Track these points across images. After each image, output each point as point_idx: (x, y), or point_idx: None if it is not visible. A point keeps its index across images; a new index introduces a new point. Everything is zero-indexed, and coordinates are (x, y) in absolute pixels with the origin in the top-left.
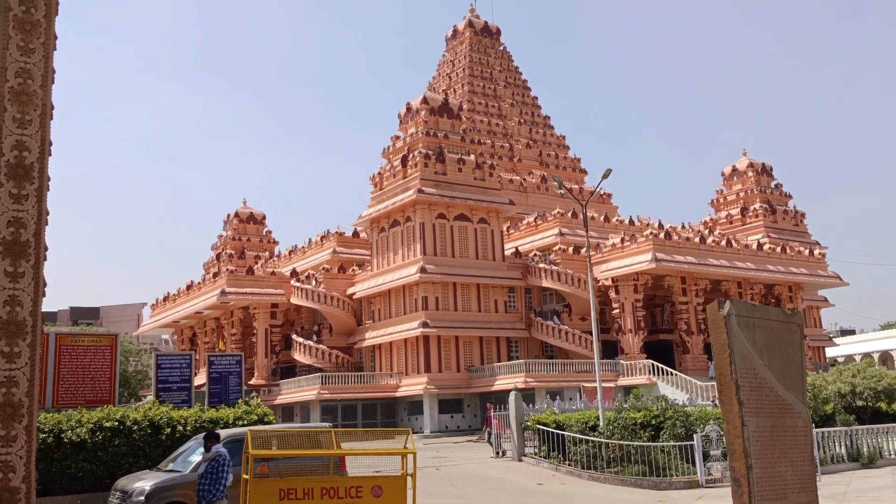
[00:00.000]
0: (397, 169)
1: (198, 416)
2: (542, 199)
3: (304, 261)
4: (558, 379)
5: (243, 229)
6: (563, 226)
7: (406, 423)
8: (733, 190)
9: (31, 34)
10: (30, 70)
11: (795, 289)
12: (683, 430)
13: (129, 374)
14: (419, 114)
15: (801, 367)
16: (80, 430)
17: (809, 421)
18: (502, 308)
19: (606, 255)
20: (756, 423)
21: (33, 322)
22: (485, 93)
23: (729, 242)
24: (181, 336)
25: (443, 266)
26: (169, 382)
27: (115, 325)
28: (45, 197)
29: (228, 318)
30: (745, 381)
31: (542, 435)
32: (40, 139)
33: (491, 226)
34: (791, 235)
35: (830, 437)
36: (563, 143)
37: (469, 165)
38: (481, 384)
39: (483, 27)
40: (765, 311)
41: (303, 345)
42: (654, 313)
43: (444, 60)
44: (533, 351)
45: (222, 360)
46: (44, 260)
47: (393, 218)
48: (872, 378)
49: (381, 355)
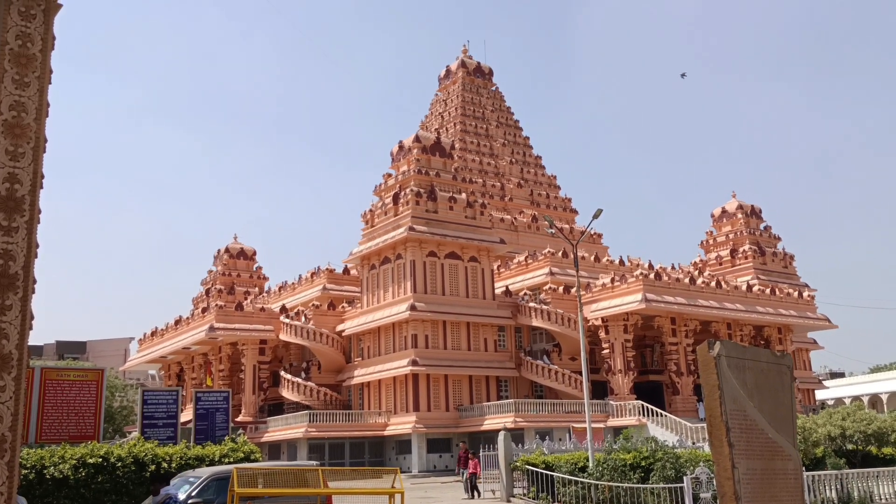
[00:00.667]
0: (388, 206)
1: (183, 452)
2: (533, 238)
3: (293, 297)
4: (548, 419)
5: (233, 265)
6: (553, 265)
7: (394, 463)
8: (723, 231)
9: (27, 68)
10: (24, 103)
11: (785, 331)
12: (673, 471)
13: (115, 409)
14: (411, 152)
15: (792, 409)
16: (63, 466)
17: (800, 464)
18: (492, 347)
19: (597, 294)
20: (746, 465)
21: (19, 355)
22: (477, 132)
23: (718, 283)
24: (168, 371)
25: (433, 304)
26: (155, 418)
27: (102, 359)
28: (35, 230)
29: (216, 353)
30: (735, 422)
31: (531, 476)
32: (32, 172)
33: (481, 264)
34: (780, 277)
35: (821, 480)
36: (554, 182)
37: (460, 204)
38: (470, 423)
39: (476, 67)
40: (755, 353)
41: (291, 382)
42: (643, 354)
43: (436, 100)
44: (522, 390)
45: (209, 397)
46: (32, 293)
47: (384, 255)
48: (862, 421)
49: (370, 393)
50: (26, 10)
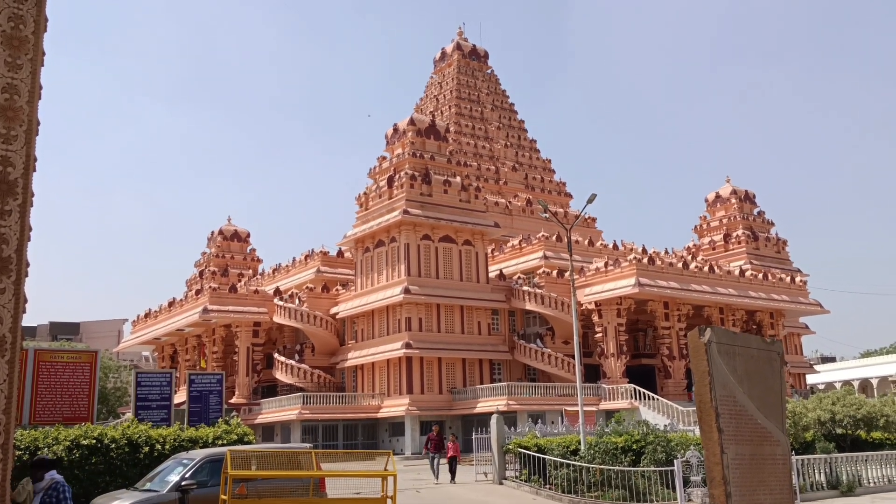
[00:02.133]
0: (383, 189)
1: (177, 434)
2: (528, 222)
3: (287, 279)
4: (541, 402)
5: (227, 247)
6: (547, 249)
7: (387, 445)
8: (716, 216)
9: (19, 50)
10: (17, 86)
11: (777, 315)
12: (664, 455)
13: (109, 390)
14: (406, 135)
15: (781, 395)
16: (57, 447)
17: (789, 449)
18: (486, 330)
19: (590, 279)
20: (735, 450)
21: (13, 339)
22: (472, 115)
23: (711, 268)
24: (162, 353)
25: (427, 287)
26: (148, 400)
27: (95, 340)
28: (28, 213)
29: (210, 335)
30: (724, 408)
31: (524, 458)
32: (25, 155)
33: (476, 248)
34: (773, 262)
35: (810, 464)
36: (549, 166)
37: (455, 187)
38: (463, 406)
39: (471, 50)
40: (745, 340)
41: (285, 364)
42: (636, 338)
43: (431, 82)
44: (516, 374)
45: (203, 379)
46: (25, 276)
47: (378, 238)
48: (852, 406)
49: (364, 376)
50: None
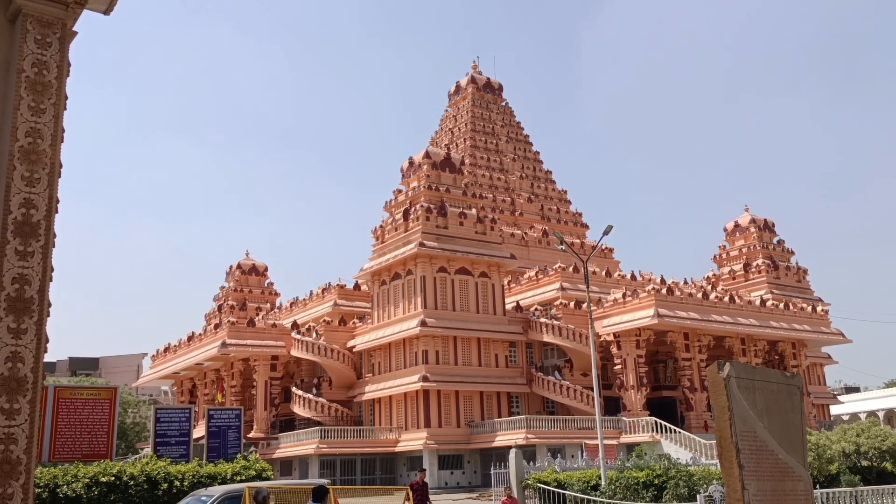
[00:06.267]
0: (399, 222)
1: (196, 471)
2: (544, 253)
3: (305, 313)
4: (560, 436)
5: (245, 281)
6: (564, 280)
7: (405, 479)
8: (736, 245)
9: (43, 95)
10: (40, 130)
11: (799, 345)
12: (686, 490)
13: (127, 425)
14: (421, 168)
15: (802, 429)
16: (76, 485)
17: (810, 484)
18: (503, 363)
19: (608, 310)
20: (757, 486)
21: (34, 378)
22: (487, 147)
23: (732, 298)
24: (181, 387)
25: (443, 320)
26: (167, 436)
27: (115, 375)
28: (50, 254)
29: (228, 369)
30: (745, 444)
31: (543, 494)
32: (48, 197)
33: (492, 280)
34: (794, 292)
35: (835, 497)
36: (565, 197)
37: (471, 219)
38: (482, 440)
39: (485, 83)
40: (765, 374)
41: (302, 398)
42: (656, 369)
43: (446, 116)
44: (534, 406)
45: (221, 414)
46: (47, 316)
47: (394, 271)
48: (877, 437)
49: (381, 409)
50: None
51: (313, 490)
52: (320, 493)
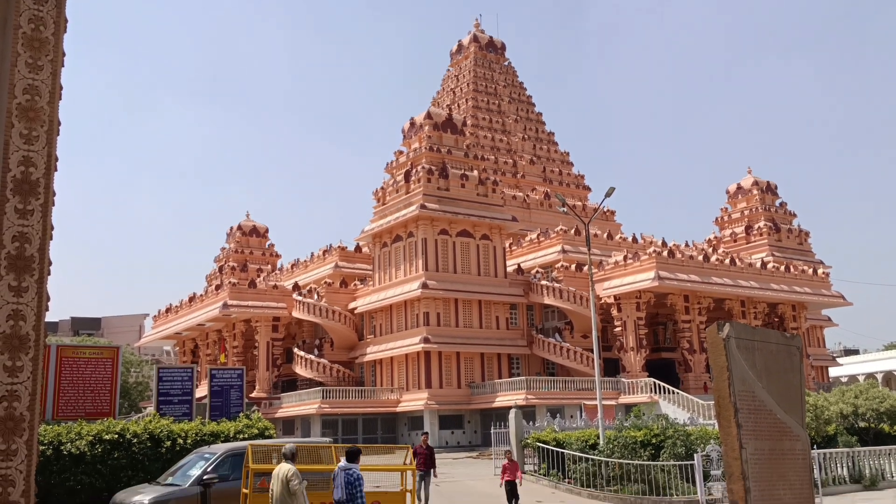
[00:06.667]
0: (400, 184)
1: (198, 429)
2: (546, 215)
3: (306, 274)
4: (559, 396)
5: (246, 242)
6: (565, 243)
7: (406, 439)
8: (738, 208)
9: (40, 51)
10: (37, 87)
11: (799, 308)
12: (684, 449)
13: (130, 385)
14: (423, 129)
15: (801, 390)
16: (80, 442)
17: (808, 444)
18: (504, 325)
19: (609, 272)
20: (754, 445)
21: (36, 336)
22: (489, 108)
23: (732, 261)
24: (183, 348)
25: (445, 282)
26: (170, 395)
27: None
28: (49, 212)
29: (230, 330)
30: (743, 403)
31: (542, 452)
32: (47, 155)
33: (493, 242)
34: (795, 254)
35: (832, 458)
36: (567, 159)
37: (472, 181)
38: (482, 400)
39: (488, 42)
40: (764, 334)
41: (304, 358)
42: (656, 331)
43: (448, 75)
44: (534, 368)
45: (224, 374)
46: (48, 275)
47: (395, 233)
48: (875, 399)
49: (383, 370)
50: None
51: (346, 451)
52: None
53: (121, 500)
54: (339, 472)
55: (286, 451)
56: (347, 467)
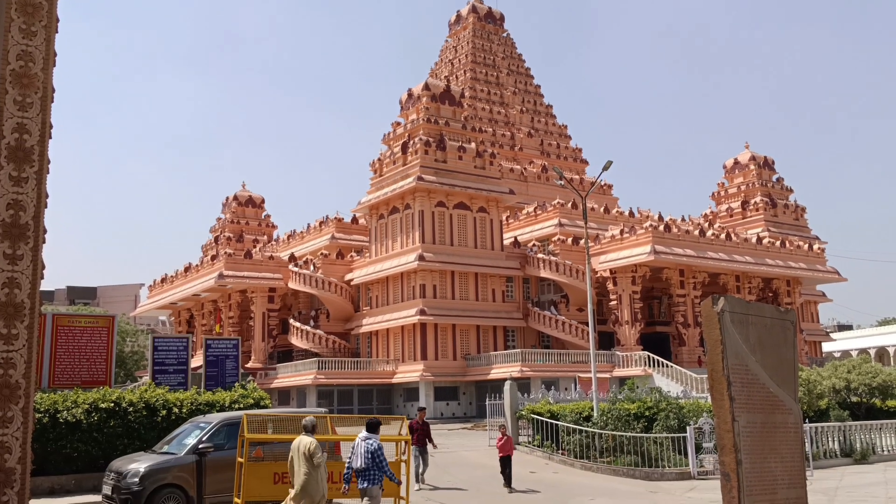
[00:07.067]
0: (397, 155)
1: (194, 398)
2: (543, 188)
3: (302, 246)
4: (554, 369)
5: (242, 212)
6: (562, 216)
7: (402, 410)
8: (734, 183)
9: (34, 17)
10: (31, 53)
11: (793, 283)
12: (676, 421)
13: (126, 354)
14: (420, 100)
15: (794, 364)
16: (76, 410)
17: (800, 418)
18: (500, 297)
19: (605, 246)
20: (747, 418)
21: (31, 304)
22: (487, 80)
23: (728, 236)
24: (178, 318)
25: (441, 254)
26: (165, 364)
27: (112, 305)
28: (44, 180)
29: (226, 301)
30: (736, 377)
31: (537, 424)
32: (41, 122)
33: (490, 215)
34: (791, 230)
35: (824, 432)
36: (565, 132)
37: (470, 153)
38: (477, 372)
39: (487, 13)
40: (759, 309)
41: (300, 329)
42: (651, 305)
43: (446, 46)
44: (529, 341)
45: (219, 344)
46: (42, 243)
47: (392, 205)
48: (868, 374)
49: (378, 342)
50: None
51: (367, 423)
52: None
53: (117, 468)
54: (360, 443)
55: (306, 424)
56: (368, 437)
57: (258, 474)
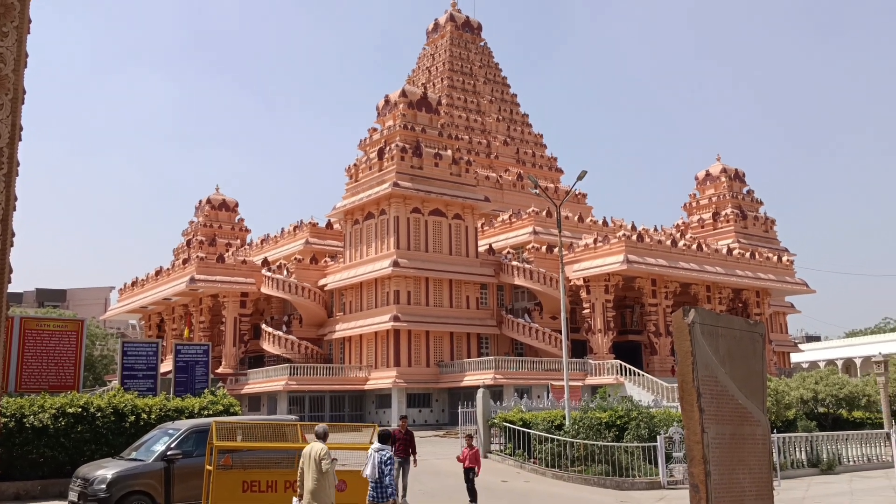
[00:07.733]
0: (373, 161)
1: (163, 404)
2: (518, 196)
3: (276, 250)
4: (527, 377)
5: (215, 216)
6: (537, 224)
7: (374, 417)
8: (706, 194)
9: (5, 17)
10: (3, 54)
11: (763, 294)
12: (647, 431)
13: (95, 358)
14: (397, 107)
15: (762, 376)
16: (43, 415)
17: (768, 429)
18: (474, 304)
19: (579, 254)
20: (716, 430)
21: None
22: (464, 88)
23: (699, 246)
24: (149, 322)
25: (416, 260)
26: (135, 370)
27: (82, 308)
28: (13, 182)
29: (197, 305)
30: (706, 388)
31: (509, 432)
32: (11, 124)
33: (465, 222)
34: (761, 241)
35: (791, 442)
36: (541, 141)
37: (446, 161)
38: (450, 380)
39: (464, 22)
40: (728, 321)
41: (272, 335)
42: (623, 314)
43: (424, 54)
44: (503, 348)
45: (189, 350)
46: (10, 246)
47: (367, 210)
48: (835, 385)
49: (351, 348)
50: None
51: (379, 434)
52: (385, 437)
53: (84, 475)
54: (373, 453)
55: (318, 431)
56: (381, 448)
57: (227, 482)
